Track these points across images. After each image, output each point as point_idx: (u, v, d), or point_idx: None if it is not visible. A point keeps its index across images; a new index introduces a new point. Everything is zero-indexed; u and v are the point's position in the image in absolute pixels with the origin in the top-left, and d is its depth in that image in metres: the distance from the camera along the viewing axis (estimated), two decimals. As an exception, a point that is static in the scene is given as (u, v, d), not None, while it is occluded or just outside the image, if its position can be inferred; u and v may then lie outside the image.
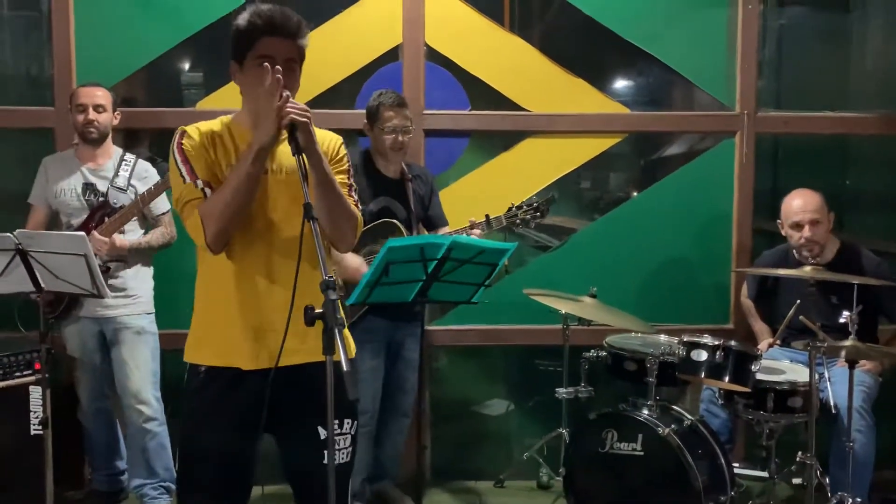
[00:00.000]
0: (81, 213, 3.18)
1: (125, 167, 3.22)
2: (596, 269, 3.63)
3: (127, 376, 3.17)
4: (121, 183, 3.19)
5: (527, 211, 3.13)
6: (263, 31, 1.84)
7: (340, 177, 1.97)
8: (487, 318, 3.65)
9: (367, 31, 3.61)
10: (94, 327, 3.21)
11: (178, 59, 3.81)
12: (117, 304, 3.17)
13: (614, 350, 3.20)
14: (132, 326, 3.19)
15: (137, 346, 3.19)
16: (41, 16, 3.66)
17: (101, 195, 3.18)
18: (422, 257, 2.38)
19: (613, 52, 3.81)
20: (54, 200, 3.22)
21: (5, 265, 2.67)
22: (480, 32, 3.65)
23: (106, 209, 3.15)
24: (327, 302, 1.55)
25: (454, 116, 3.65)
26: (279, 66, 1.80)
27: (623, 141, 3.76)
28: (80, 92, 3.19)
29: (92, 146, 3.21)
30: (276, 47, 1.84)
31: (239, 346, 1.87)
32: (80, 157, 3.24)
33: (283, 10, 1.87)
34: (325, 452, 1.69)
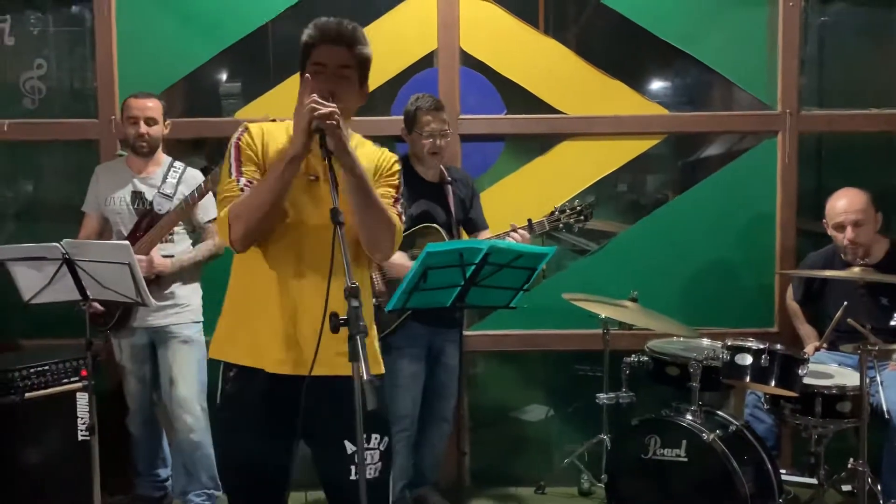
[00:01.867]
0: (130, 221, 3.19)
1: (173, 174, 3.23)
2: (636, 273, 3.59)
3: (174, 385, 3.19)
4: (167, 190, 3.20)
5: (570, 214, 3.10)
6: (319, 40, 1.87)
7: (387, 189, 1.95)
8: (526, 322, 3.63)
9: (402, 38, 3.61)
10: (144, 337, 3.23)
11: (216, 70, 3.87)
12: (166, 313, 3.19)
13: (656, 355, 3.16)
14: (180, 335, 3.21)
15: (185, 355, 3.20)
16: (85, 31, 3.74)
17: (148, 203, 3.20)
18: (460, 262, 2.39)
19: (650, 52, 3.77)
20: (105, 209, 3.25)
21: (53, 274, 2.71)
22: (515, 36, 3.63)
23: (152, 216, 3.17)
24: (350, 309, 1.55)
25: (490, 121, 3.65)
26: (331, 73, 1.82)
27: (661, 142, 3.71)
28: (132, 103, 3.17)
29: (142, 156, 3.23)
30: (328, 55, 1.86)
31: (267, 348, 1.86)
32: (130, 165, 3.25)
33: (341, 20, 1.89)
34: (352, 467, 1.68)
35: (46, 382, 3.14)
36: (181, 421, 3.20)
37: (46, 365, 3.15)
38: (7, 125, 3.61)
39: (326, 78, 1.85)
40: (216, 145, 3.71)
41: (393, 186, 1.99)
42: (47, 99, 3.76)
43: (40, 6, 3.79)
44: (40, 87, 3.75)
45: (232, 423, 1.94)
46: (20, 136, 3.66)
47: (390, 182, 1.98)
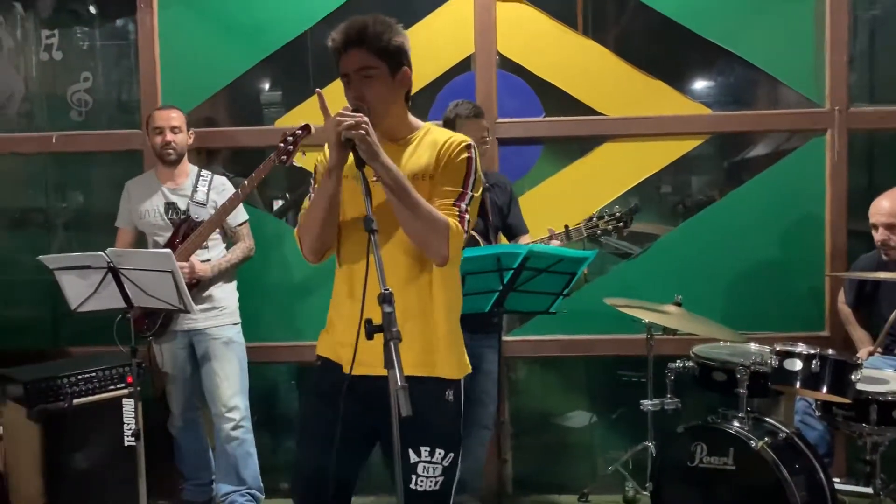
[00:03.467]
0: (166, 231, 3.27)
1: (203, 183, 3.32)
2: (680, 276, 3.52)
3: (216, 385, 3.25)
4: (200, 198, 3.28)
5: (608, 221, 3.06)
6: (338, 49, 1.88)
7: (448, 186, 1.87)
8: (567, 327, 3.58)
9: (439, 43, 3.61)
10: (184, 341, 3.29)
11: (257, 79, 3.92)
12: (205, 317, 3.25)
13: (702, 360, 3.08)
14: (220, 337, 3.26)
15: (226, 356, 3.26)
16: (129, 44, 3.83)
17: (182, 212, 3.28)
18: (498, 267, 2.39)
19: (692, 51, 3.71)
20: (139, 221, 3.33)
21: (98, 283, 2.77)
22: (553, 38, 3.60)
23: (189, 224, 3.24)
24: (384, 315, 1.55)
25: (528, 124, 3.62)
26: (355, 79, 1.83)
27: (705, 143, 3.63)
28: (156, 115, 3.29)
29: (170, 166, 3.32)
30: (346, 63, 1.86)
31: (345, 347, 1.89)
32: (159, 177, 3.34)
33: (351, 22, 1.88)
34: (412, 476, 1.70)
35: (93, 389, 3.21)
36: (224, 420, 3.24)
37: (93, 372, 3.22)
38: (56, 138, 3.71)
39: (353, 86, 1.86)
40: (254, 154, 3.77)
41: (456, 180, 1.88)
42: (94, 111, 3.86)
43: (87, 21, 3.90)
44: (87, 99, 3.85)
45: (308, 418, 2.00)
46: (68, 147, 3.76)
47: (453, 176, 1.88)
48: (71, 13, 3.90)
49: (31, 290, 3.87)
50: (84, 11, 3.91)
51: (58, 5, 3.87)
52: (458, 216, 1.86)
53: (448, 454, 1.89)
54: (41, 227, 4.00)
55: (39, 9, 3.87)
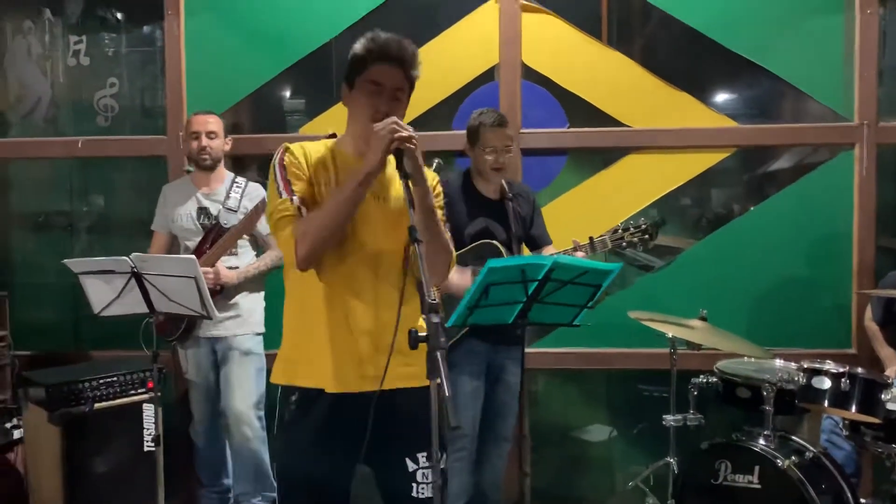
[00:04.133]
0: (197, 235, 3.27)
1: (236, 189, 3.31)
2: (705, 291, 3.49)
3: (232, 395, 3.23)
4: (232, 204, 3.27)
5: (633, 233, 3.02)
6: (377, 57, 1.86)
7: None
8: (589, 340, 3.56)
9: (464, 53, 3.61)
10: (207, 347, 3.28)
11: (281, 87, 3.92)
12: (228, 325, 3.24)
13: (726, 376, 3.04)
14: (240, 347, 3.25)
15: (243, 366, 3.24)
16: (155, 51, 3.86)
17: (213, 218, 3.28)
18: (522, 278, 2.30)
19: (718, 63, 3.67)
20: (173, 225, 3.33)
21: (122, 287, 2.77)
22: (578, 48, 3.60)
23: (218, 230, 3.24)
24: (430, 325, 1.52)
25: (552, 135, 3.61)
26: (388, 94, 1.83)
27: (729, 156, 3.60)
28: (193, 120, 3.29)
29: (206, 172, 3.32)
30: (387, 75, 1.85)
31: (326, 367, 1.86)
32: (195, 182, 3.34)
33: (400, 39, 1.88)
34: (413, 485, 1.68)
35: (115, 393, 3.22)
36: (239, 432, 3.23)
37: (115, 377, 3.23)
38: (81, 142, 3.74)
39: (385, 99, 1.84)
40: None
41: (439, 208, 1.98)
42: (119, 116, 3.89)
43: (114, 28, 3.94)
44: (113, 105, 3.88)
45: (295, 447, 1.91)
46: (93, 152, 3.78)
47: (436, 203, 1.96)
48: (99, 19, 3.93)
49: (54, 294, 3.90)
50: (112, 18, 3.95)
51: (86, 11, 3.91)
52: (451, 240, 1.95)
53: (443, 455, 1.89)
54: (64, 230, 4.03)
55: (68, 15, 3.92)
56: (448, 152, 3.42)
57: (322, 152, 1.92)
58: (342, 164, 1.90)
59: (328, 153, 1.92)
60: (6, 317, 3.66)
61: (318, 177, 1.88)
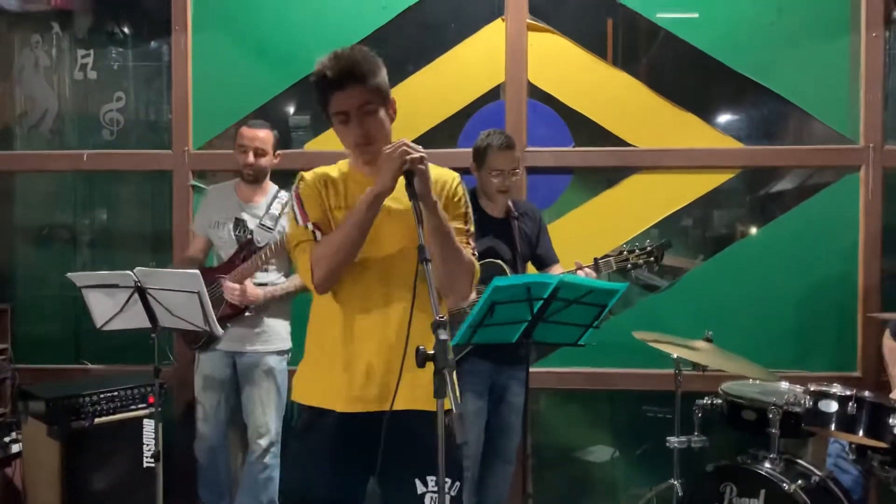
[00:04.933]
0: (231, 247, 3.20)
1: (277, 205, 3.21)
2: (710, 312, 3.47)
3: (252, 412, 3.19)
4: (268, 221, 3.19)
5: (639, 255, 3.00)
6: (330, 87, 1.82)
7: (456, 222, 1.92)
8: (593, 360, 3.53)
9: (470, 71, 3.62)
10: (227, 360, 3.21)
11: (286, 103, 3.93)
12: (252, 340, 3.18)
13: (731, 398, 3.01)
14: (263, 364, 3.19)
15: (264, 384, 3.19)
16: (162, 65, 3.87)
17: (249, 232, 3.19)
18: (528, 297, 2.32)
19: (723, 84, 3.68)
20: (211, 231, 3.26)
21: (125, 301, 2.76)
22: (584, 68, 3.60)
23: (250, 248, 3.15)
24: (438, 342, 1.51)
25: (557, 153, 3.60)
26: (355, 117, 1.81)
27: (734, 177, 3.60)
28: (244, 133, 3.19)
29: (249, 184, 3.23)
30: (347, 101, 1.82)
31: (338, 387, 1.87)
32: (238, 191, 3.26)
33: (342, 57, 1.82)
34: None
35: (115, 408, 3.21)
36: (257, 445, 3.18)
37: (115, 391, 3.22)
38: (86, 156, 3.74)
39: (356, 124, 1.82)
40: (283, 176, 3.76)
41: (462, 217, 1.95)
42: (124, 130, 3.89)
43: (121, 42, 3.95)
44: (119, 118, 3.89)
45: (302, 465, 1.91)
46: (98, 165, 3.78)
47: (458, 211, 1.95)
48: (106, 34, 3.95)
49: (56, 307, 3.89)
50: (119, 33, 3.96)
51: (94, 26, 3.93)
52: (474, 255, 1.90)
53: (455, 483, 1.86)
54: (68, 244, 4.02)
55: (76, 29, 3.93)
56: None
57: (333, 175, 1.94)
58: (352, 182, 1.92)
59: (339, 175, 1.94)
60: (7, 330, 3.65)
61: (329, 200, 1.90)
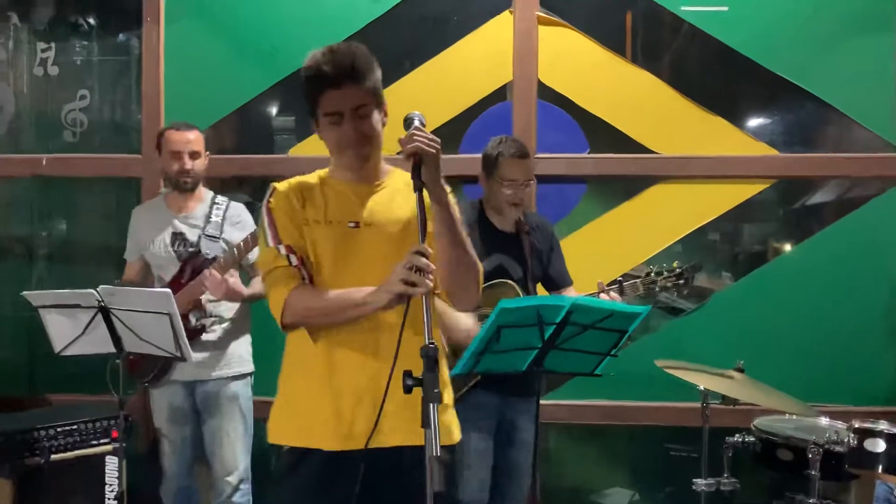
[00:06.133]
0: (172, 265, 3.21)
1: (217, 211, 3.25)
2: (741, 338, 3.51)
3: (219, 446, 3.19)
4: (212, 230, 3.22)
5: (667, 278, 3.01)
6: (325, 85, 1.84)
7: None
8: (610, 392, 3.54)
9: (474, 69, 3.66)
10: (185, 392, 3.22)
11: (269, 103, 3.95)
12: (211, 365, 3.18)
13: (765, 435, 3.00)
14: (226, 391, 3.20)
15: (231, 413, 3.20)
16: (131, 60, 3.89)
17: (190, 245, 3.22)
18: (538, 321, 2.30)
19: (755, 85, 3.71)
20: (146, 253, 3.28)
21: (87, 323, 2.76)
22: (600, 66, 3.64)
23: (198, 261, 3.17)
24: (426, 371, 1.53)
25: (570, 160, 3.64)
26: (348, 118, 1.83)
27: (767, 187, 3.64)
28: (173, 137, 3.21)
29: (183, 192, 3.27)
30: (342, 100, 1.84)
31: (322, 423, 1.87)
32: (169, 204, 3.29)
33: (340, 52, 1.85)
34: None
35: (74, 444, 3.20)
36: (225, 483, 3.18)
37: (75, 424, 3.21)
38: (46, 160, 3.75)
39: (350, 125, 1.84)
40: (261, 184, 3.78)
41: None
42: (89, 132, 3.90)
43: (86, 35, 3.97)
44: (82, 119, 3.91)
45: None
46: (59, 171, 3.79)
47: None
48: (70, 26, 3.97)
49: (8, 329, 3.89)
50: (84, 24, 3.98)
51: (56, 16, 3.95)
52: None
53: None
54: (22, 257, 4.02)
55: (36, 20, 3.95)
56: (455, 178, 3.36)
57: (311, 185, 1.95)
58: (332, 192, 1.93)
59: (318, 184, 1.95)
60: (-47, 355, 3.66)
61: (307, 213, 1.91)
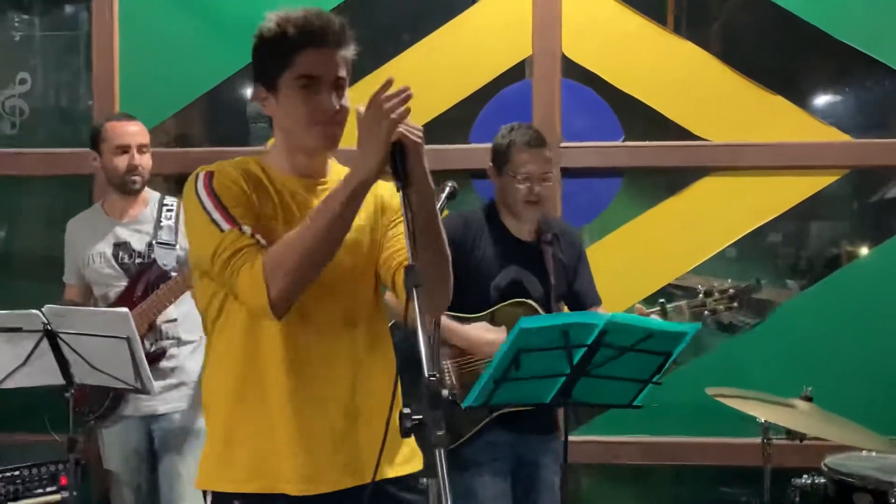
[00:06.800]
0: (117, 281, 3.21)
1: (168, 214, 3.25)
2: (809, 360, 3.48)
3: (174, 489, 3.18)
4: (166, 236, 3.21)
5: (719, 300, 2.99)
6: (303, 43, 1.81)
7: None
8: (652, 426, 3.53)
9: (486, 43, 3.64)
10: (140, 429, 3.22)
11: (243, 86, 3.95)
12: (169, 397, 3.18)
13: (839, 476, 2.94)
14: (186, 426, 3.20)
15: (191, 450, 3.17)
16: (80, 37, 3.91)
17: (138, 255, 3.21)
18: (565, 343, 2.29)
19: (822, 58, 3.75)
20: (86, 271, 3.27)
21: (30, 351, 2.75)
22: (636, 37, 3.62)
23: (153, 274, 3.17)
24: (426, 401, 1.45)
25: (602, 150, 3.62)
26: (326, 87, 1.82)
27: (839, 179, 3.61)
28: (117, 129, 3.21)
29: (128, 196, 3.25)
30: (322, 63, 1.81)
31: (282, 462, 1.84)
32: (108, 210, 3.30)
33: (319, 12, 1.85)
34: None
35: (17, 492, 3.19)
36: None
37: (17, 470, 3.20)
38: (-22, 157, 3.78)
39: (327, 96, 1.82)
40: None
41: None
42: (30, 122, 3.92)
43: (26, 7, 3.99)
44: (22, 107, 3.92)
45: None
46: (-6, 169, 3.82)
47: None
48: (7, -4, 4.02)
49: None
50: (24, -6, 4.03)
51: (-10, -15, 4.03)
52: None
53: None
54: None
55: (-35, -11, 4.02)
56: (463, 173, 3.41)
57: (255, 171, 1.90)
58: (287, 191, 1.90)
59: (261, 173, 1.91)
60: None
61: (263, 209, 1.87)
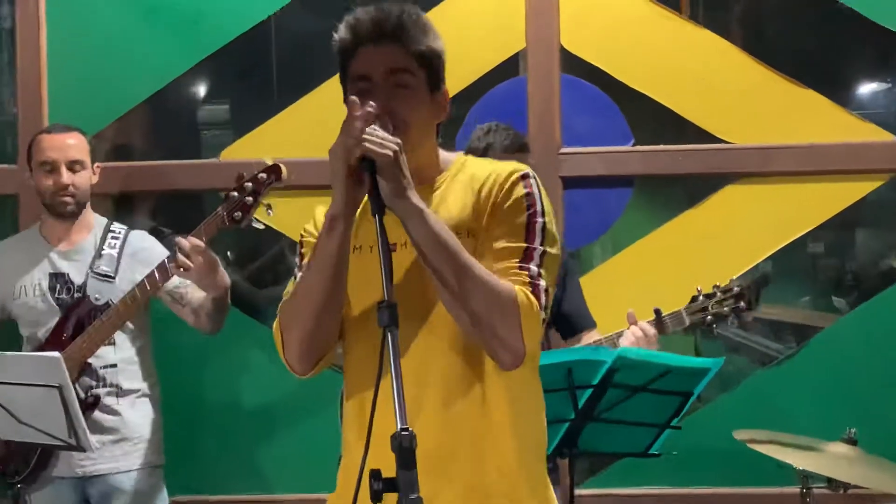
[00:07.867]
0: (50, 317, 3.24)
1: (112, 243, 3.28)
2: (852, 396, 3.52)
3: None
4: (105, 267, 3.24)
5: (722, 300, 2.99)
6: (358, 41, 1.89)
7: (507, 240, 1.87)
8: (672, 476, 3.58)
9: (475, 34, 3.68)
10: (74, 492, 3.24)
11: (193, 87, 4.00)
12: (108, 454, 3.20)
13: (889, 531, 3.03)
14: (129, 489, 3.22)
15: None
16: (0, 34, 3.93)
17: (77, 289, 3.24)
18: (569, 383, 2.36)
19: (862, 47, 3.77)
20: (13, 304, 3.30)
21: (-56, 403, 2.78)
22: (645, 25, 3.67)
23: (83, 309, 3.20)
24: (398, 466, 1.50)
25: (609, 156, 3.66)
26: (382, 85, 1.85)
27: (883, 185, 3.65)
28: (44, 142, 3.26)
29: (64, 220, 3.28)
30: (371, 61, 1.87)
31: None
32: (46, 235, 3.34)
33: (379, 6, 1.90)
34: None
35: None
36: None
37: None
38: None
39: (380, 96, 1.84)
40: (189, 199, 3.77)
41: (514, 231, 1.89)
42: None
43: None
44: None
45: None
46: None
47: (508, 224, 1.89)
48: None
49: None
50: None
51: None
52: (530, 284, 1.83)
53: None
54: None
55: None
56: None
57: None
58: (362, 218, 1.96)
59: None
60: None
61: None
